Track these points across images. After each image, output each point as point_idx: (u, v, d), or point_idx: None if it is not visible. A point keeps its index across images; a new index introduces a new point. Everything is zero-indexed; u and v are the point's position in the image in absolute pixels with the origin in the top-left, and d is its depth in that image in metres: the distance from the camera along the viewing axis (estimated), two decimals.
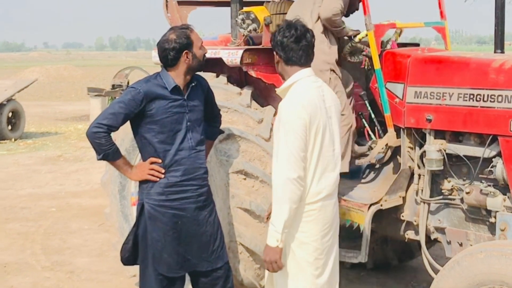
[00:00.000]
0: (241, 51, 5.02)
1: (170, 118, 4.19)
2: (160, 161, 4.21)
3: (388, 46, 5.13)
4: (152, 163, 4.22)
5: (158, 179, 4.21)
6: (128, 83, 14.29)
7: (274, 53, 3.88)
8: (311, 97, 3.74)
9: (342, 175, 5.21)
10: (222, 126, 4.77)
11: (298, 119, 3.64)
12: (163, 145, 4.21)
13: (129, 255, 4.43)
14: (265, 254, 3.76)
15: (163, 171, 4.21)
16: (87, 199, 9.56)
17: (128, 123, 5.25)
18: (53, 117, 20.81)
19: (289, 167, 3.65)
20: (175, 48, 4.17)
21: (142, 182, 4.29)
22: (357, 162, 5.21)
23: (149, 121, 4.19)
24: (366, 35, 4.92)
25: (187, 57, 4.20)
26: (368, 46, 4.95)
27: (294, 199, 3.67)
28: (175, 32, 4.21)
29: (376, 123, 5.21)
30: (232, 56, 4.98)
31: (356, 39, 5.06)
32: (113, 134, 5.75)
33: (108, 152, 4.23)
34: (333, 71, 4.99)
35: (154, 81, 4.23)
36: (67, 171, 11.77)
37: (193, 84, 4.33)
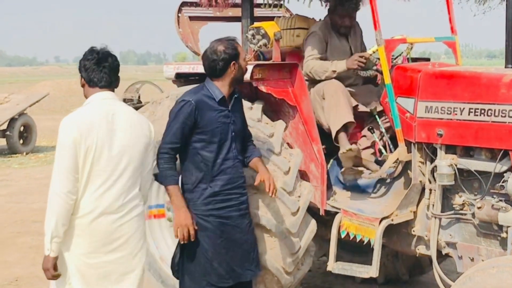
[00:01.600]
0: (251, 67, 5.03)
1: (219, 128, 4.35)
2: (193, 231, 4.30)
3: (399, 61, 5.14)
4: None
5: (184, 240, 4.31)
6: (139, 97, 14.33)
7: (80, 76, 4.00)
8: (91, 116, 3.83)
9: (353, 189, 5.24)
10: None
11: (67, 136, 3.75)
12: (211, 154, 4.35)
13: (179, 268, 4.52)
14: (43, 262, 3.82)
15: (194, 237, 4.31)
16: None
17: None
18: None
19: (58, 181, 3.76)
20: (225, 59, 4.32)
21: (187, 194, 4.40)
22: (368, 176, 5.21)
23: (200, 131, 4.32)
24: (377, 50, 4.95)
25: (234, 68, 4.35)
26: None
27: (62, 212, 3.73)
28: (222, 44, 4.35)
29: (387, 138, 5.21)
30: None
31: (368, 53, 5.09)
32: None
33: (168, 173, 4.34)
34: None
35: (202, 92, 4.36)
36: None
37: (236, 95, 4.50)
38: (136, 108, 12.77)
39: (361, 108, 5.44)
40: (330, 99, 5.23)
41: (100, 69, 3.91)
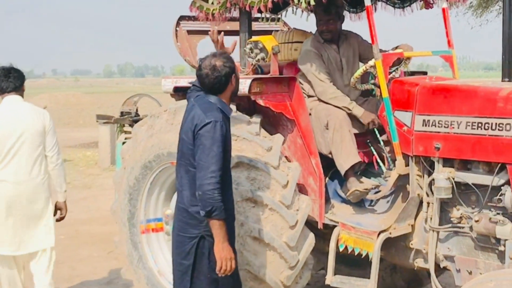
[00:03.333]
0: (249, 81, 5.06)
1: (230, 145, 4.33)
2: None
3: (397, 75, 5.17)
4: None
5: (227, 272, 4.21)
6: (137, 110, 14.30)
7: None
8: (2, 112, 5.37)
9: (352, 203, 5.25)
10: (232, 154, 4.82)
11: None
12: (228, 172, 4.31)
13: None
14: None
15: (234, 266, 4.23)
16: (96, 226, 9.57)
17: (136, 148, 5.29)
18: (61, 144, 20.63)
19: None
20: (227, 73, 4.26)
21: (192, 214, 4.27)
22: (375, 196, 5.21)
23: (227, 150, 4.25)
24: (370, 66, 4.97)
25: (234, 81, 4.32)
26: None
27: None
28: (219, 58, 4.27)
29: (385, 151, 5.23)
30: (241, 85, 5.01)
31: (360, 71, 5.10)
32: (122, 162, 5.84)
33: (221, 206, 4.12)
34: None
35: (219, 109, 4.24)
36: (76, 198, 11.76)
37: (231, 110, 4.45)
38: (135, 121, 12.67)
39: (362, 130, 5.45)
40: (335, 133, 5.23)
41: (7, 79, 5.37)
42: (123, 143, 10.08)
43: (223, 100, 4.31)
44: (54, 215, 5.51)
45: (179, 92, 5.64)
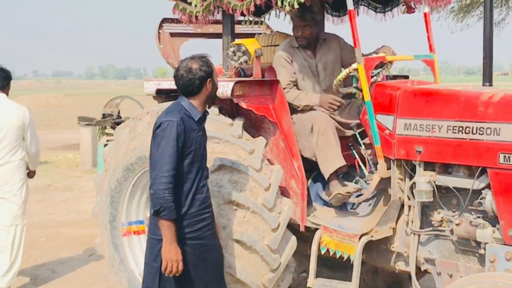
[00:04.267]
0: (232, 83, 5.06)
1: (198, 148, 4.30)
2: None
3: (379, 79, 5.19)
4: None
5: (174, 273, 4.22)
6: (119, 112, 14.25)
7: None
8: None
9: (333, 206, 5.26)
10: (213, 157, 4.82)
11: None
12: (191, 174, 4.28)
13: None
14: None
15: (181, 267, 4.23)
16: (77, 228, 9.51)
17: (118, 150, 5.28)
18: (42, 146, 20.50)
19: None
20: (201, 76, 4.28)
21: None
22: (357, 200, 5.23)
23: (186, 153, 4.23)
24: (352, 70, 4.99)
25: (209, 86, 4.32)
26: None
27: None
28: (196, 62, 4.30)
29: (366, 154, 5.25)
30: (224, 88, 5.02)
31: (343, 74, 5.11)
32: (104, 164, 5.82)
33: (171, 206, 4.14)
34: None
35: (182, 111, 4.27)
36: (56, 200, 11.72)
37: (207, 114, 4.45)
38: (117, 124, 12.67)
39: (344, 133, 5.47)
40: (320, 137, 5.24)
41: None
42: (105, 145, 10.05)
43: (194, 103, 4.33)
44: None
45: (161, 95, 5.63)
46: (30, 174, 6.85)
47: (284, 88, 5.45)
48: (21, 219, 6.58)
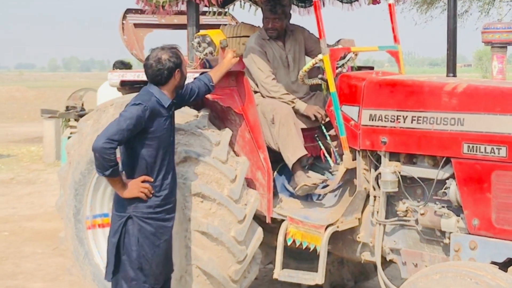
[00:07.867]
0: (197, 75, 5.02)
1: (165, 135, 4.42)
2: (151, 179, 4.39)
3: (344, 70, 5.19)
4: (143, 181, 4.38)
5: (147, 197, 4.38)
6: (82, 104, 14.09)
7: None
8: None
9: (299, 197, 5.27)
10: (179, 149, 4.80)
11: None
12: (157, 160, 4.40)
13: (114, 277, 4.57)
14: None
15: (152, 190, 4.40)
16: (40, 222, 9.40)
17: (82, 143, 5.25)
18: (5, 139, 20.44)
19: None
20: (170, 67, 4.40)
21: (126, 198, 4.40)
22: (323, 191, 5.24)
23: (149, 137, 4.35)
24: (318, 61, 4.99)
25: (178, 76, 4.44)
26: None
27: None
28: (166, 52, 4.41)
29: (332, 145, 5.26)
30: (189, 79, 4.98)
31: (309, 65, 5.12)
32: (68, 157, 5.75)
33: (114, 168, 4.28)
34: None
35: (153, 98, 4.38)
36: (19, 194, 11.58)
37: (175, 101, 4.54)
38: (80, 116, 12.62)
39: (309, 125, 5.49)
40: (281, 127, 5.26)
41: None
42: (69, 137, 9.94)
43: (164, 92, 4.44)
44: None
45: (126, 86, 5.58)
46: None
47: (265, 79, 5.46)
48: None
